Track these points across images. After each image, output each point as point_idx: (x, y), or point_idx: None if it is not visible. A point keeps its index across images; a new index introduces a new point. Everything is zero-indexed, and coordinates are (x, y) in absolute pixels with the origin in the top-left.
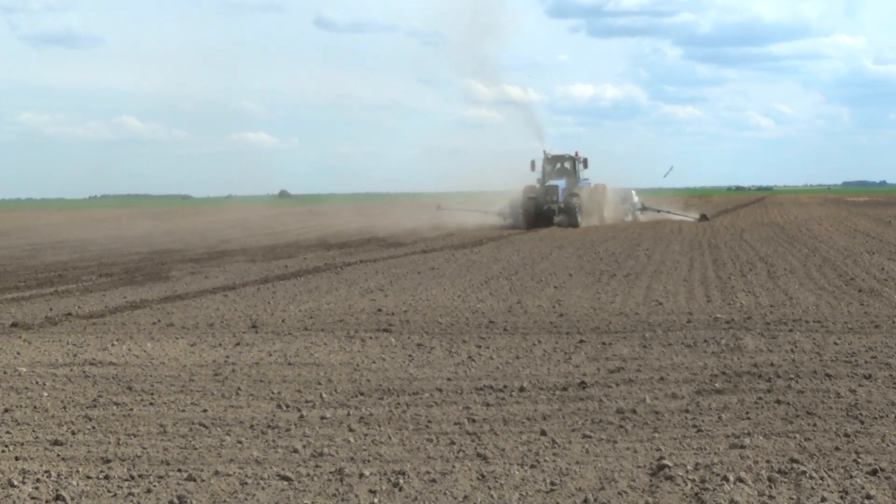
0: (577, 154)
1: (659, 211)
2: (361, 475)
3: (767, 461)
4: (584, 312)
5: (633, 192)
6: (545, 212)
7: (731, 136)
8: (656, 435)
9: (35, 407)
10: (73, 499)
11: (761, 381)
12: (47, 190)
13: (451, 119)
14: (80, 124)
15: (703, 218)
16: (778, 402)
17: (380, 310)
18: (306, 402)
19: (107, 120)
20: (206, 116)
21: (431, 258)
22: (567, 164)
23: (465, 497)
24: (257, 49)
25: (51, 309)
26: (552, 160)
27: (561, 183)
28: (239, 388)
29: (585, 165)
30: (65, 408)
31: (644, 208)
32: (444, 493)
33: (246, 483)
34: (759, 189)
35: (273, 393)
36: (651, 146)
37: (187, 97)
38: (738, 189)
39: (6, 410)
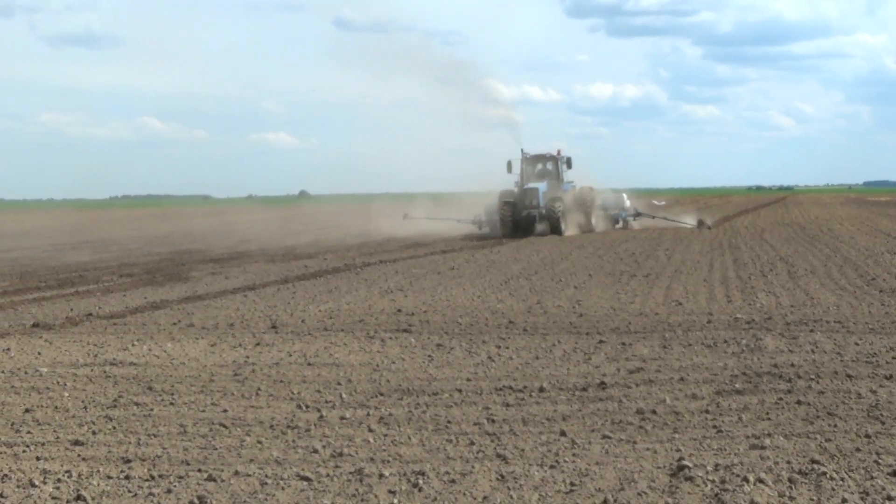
0: (559, 153)
1: (654, 217)
2: (381, 475)
3: (788, 462)
4: (603, 313)
5: (625, 195)
6: (524, 218)
7: (751, 135)
8: (676, 435)
9: (56, 407)
10: (93, 499)
11: (782, 381)
12: (68, 190)
13: (470, 119)
14: (101, 125)
15: (703, 225)
16: (798, 402)
17: (399, 310)
18: (326, 402)
19: (127, 120)
20: (226, 117)
21: (451, 258)
22: (549, 165)
23: (485, 498)
24: (277, 49)
25: (71, 309)
26: (532, 160)
27: (542, 186)
28: (259, 389)
29: (569, 166)
30: (85, 408)
31: (637, 214)
32: (464, 494)
33: (266, 483)
34: (780, 189)
35: (293, 393)
36: (671, 146)
37: (207, 98)
38: (759, 189)
39: (27, 410)
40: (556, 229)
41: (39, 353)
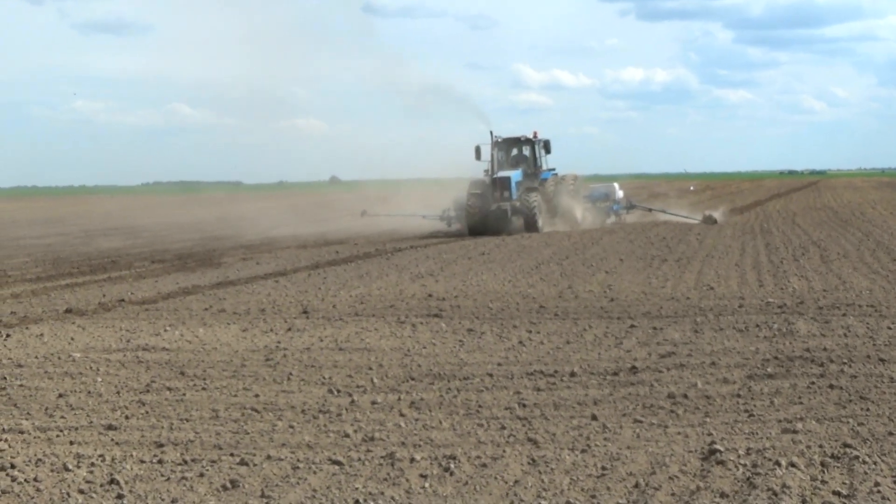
0: (535, 135)
1: (651, 210)
2: (412, 460)
3: (820, 446)
4: (635, 297)
5: (617, 185)
6: (494, 213)
7: (783, 119)
8: (708, 420)
9: (89, 392)
10: (126, 483)
11: (814, 365)
12: (100, 177)
13: (500, 104)
14: (132, 112)
15: (710, 220)
16: (831, 386)
17: (430, 295)
18: (357, 387)
19: (158, 107)
20: (256, 103)
21: (482, 243)
22: (525, 150)
23: (516, 482)
24: (306, 35)
25: (104, 295)
26: (504, 145)
27: (515, 174)
28: (290, 374)
29: (548, 150)
30: (118, 393)
31: (631, 206)
32: (495, 478)
33: (298, 467)
34: (813, 173)
35: (324, 378)
36: (703, 130)
37: (237, 84)
38: (791, 173)
39: (61, 395)
40: (530, 225)
41: (72, 339)
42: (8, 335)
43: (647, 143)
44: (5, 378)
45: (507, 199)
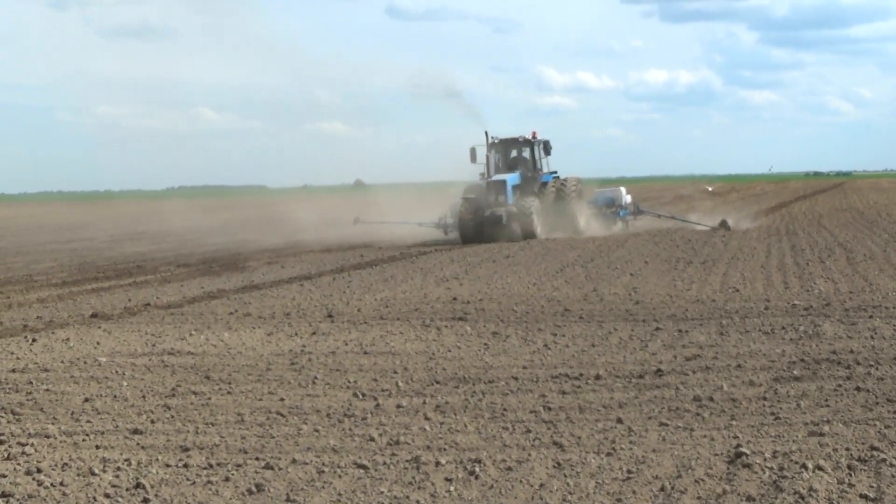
0: (534, 136)
1: (660, 216)
2: (437, 463)
3: (847, 449)
4: (660, 300)
5: (623, 189)
6: (488, 219)
7: (809, 120)
8: (734, 422)
9: (115, 396)
10: (152, 487)
11: (840, 368)
12: (125, 181)
13: (524, 106)
14: (157, 116)
15: (724, 227)
16: (858, 389)
17: (455, 298)
18: (382, 390)
19: (183, 112)
20: (280, 107)
21: (507, 247)
22: (523, 152)
23: (542, 485)
24: (330, 39)
25: (129, 299)
26: (500, 146)
27: (512, 178)
28: (315, 378)
29: (547, 151)
30: (144, 397)
31: (639, 212)
32: (520, 481)
33: (323, 471)
34: (838, 174)
35: (349, 382)
36: (727, 132)
37: (261, 88)
38: (817, 174)
39: (87, 400)
40: (527, 232)
41: (98, 343)
42: (34, 339)
43: (671, 145)
44: (32, 382)
45: (502, 205)
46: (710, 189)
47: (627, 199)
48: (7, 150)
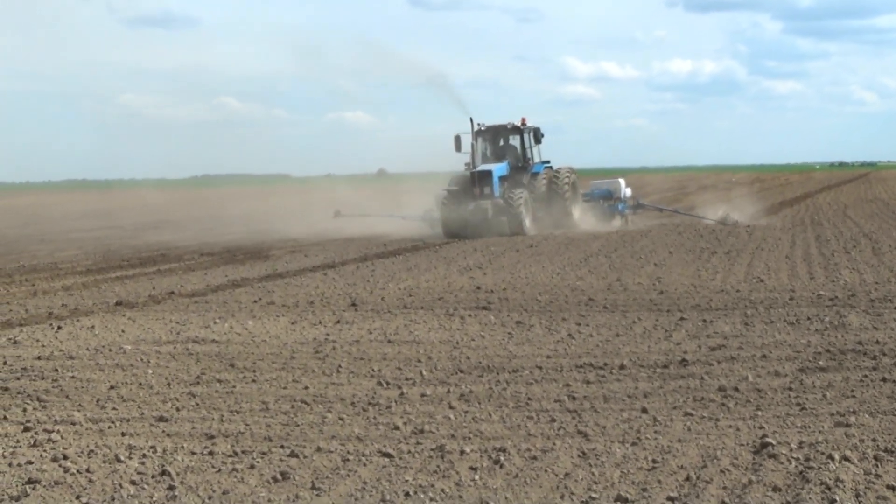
0: (524, 122)
1: (661, 210)
2: (462, 452)
3: (873, 440)
4: (684, 290)
5: (622, 181)
6: (472, 212)
7: (833, 110)
8: (759, 413)
9: (140, 384)
10: (178, 474)
11: (866, 358)
12: (149, 170)
13: (548, 97)
14: (180, 105)
15: (729, 222)
16: (884, 379)
17: (479, 287)
18: (406, 379)
19: (206, 101)
20: (303, 96)
21: (530, 236)
22: (512, 140)
23: (566, 474)
24: (353, 28)
25: (154, 287)
26: (487, 134)
27: (499, 168)
28: (340, 366)
29: (538, 140)
30: (169, 385)
31: (639, 205)
32: (545, 471)
33: (347, 459)
34: (863, 164)
35: (373, 370)
36: (751, 122)
37: (285, 77)
38: (842, 165)
39: (112, 387)
40: (515, 226)
41: (123, 331)
42: (60, 327)
43: (695, 134)
44: (57, 370)
45: (488, 197)
46: (733, 179)
47: (627, 191)
48: (31, 138)
